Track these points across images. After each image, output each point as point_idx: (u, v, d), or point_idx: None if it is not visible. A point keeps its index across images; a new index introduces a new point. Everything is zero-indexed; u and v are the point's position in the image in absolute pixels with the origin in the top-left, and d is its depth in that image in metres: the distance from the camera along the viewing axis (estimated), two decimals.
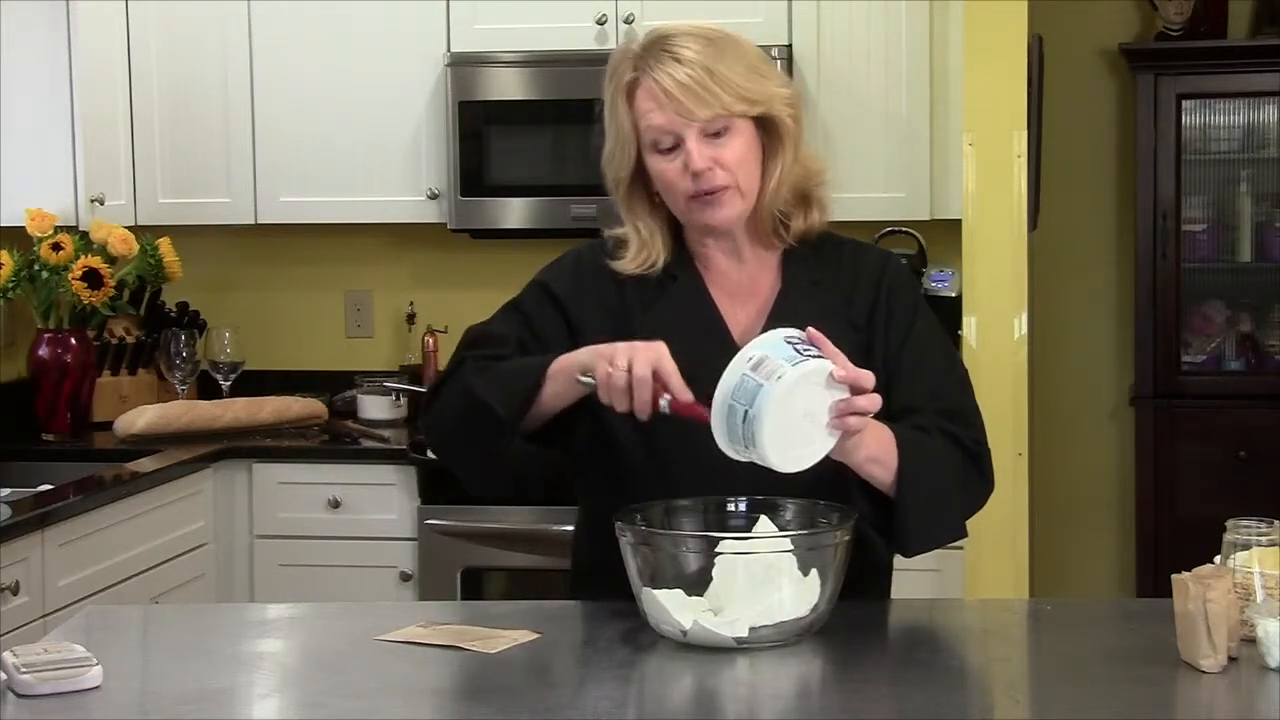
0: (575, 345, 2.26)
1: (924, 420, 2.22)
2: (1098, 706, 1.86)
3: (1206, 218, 5.00)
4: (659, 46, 2.22)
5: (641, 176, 2.28)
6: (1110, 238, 5.12)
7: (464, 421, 2.24)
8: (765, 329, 2.25)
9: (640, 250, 2.31)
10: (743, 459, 2.04)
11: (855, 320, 2.29)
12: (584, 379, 2.13)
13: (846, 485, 2.16)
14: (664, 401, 2.07)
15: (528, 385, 2.19)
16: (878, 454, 2.13)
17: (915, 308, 2.34)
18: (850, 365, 2.04)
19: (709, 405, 2.02)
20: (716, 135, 2.21)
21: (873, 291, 2.32)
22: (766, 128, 2.25)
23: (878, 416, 2.14)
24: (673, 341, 2.22)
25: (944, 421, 2.24)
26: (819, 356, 2.02)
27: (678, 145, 2.21)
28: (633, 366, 2.07)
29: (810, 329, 2.05)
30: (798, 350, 2.01)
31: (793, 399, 1.99)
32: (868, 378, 2.05)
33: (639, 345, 2.10)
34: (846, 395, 2.04)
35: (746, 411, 1.99)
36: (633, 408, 2.08)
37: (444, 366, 2.37)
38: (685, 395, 2.06)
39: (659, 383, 2.07)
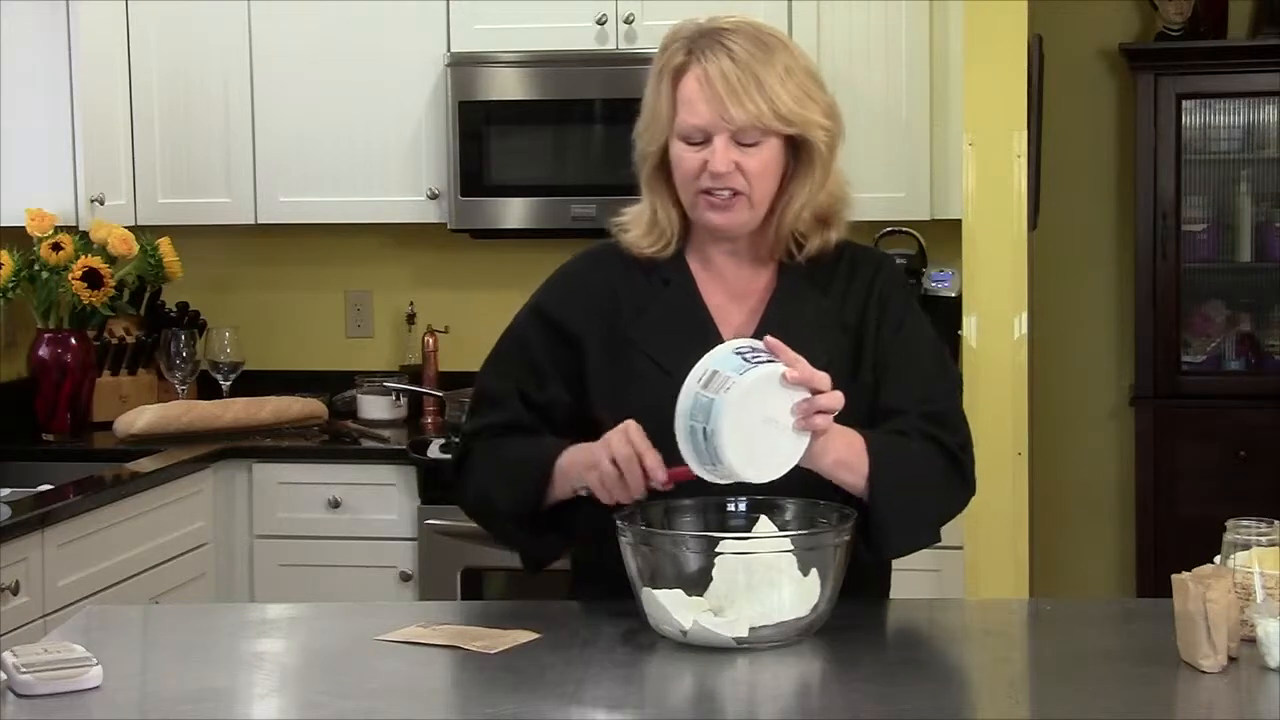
0: (578, 359, 2.28)
1: (907, 423, 2.22)
2: (1098, 706, 1.86)
3: (1206, 218, 5.00)
4: (714, 37, 2.21)
5: (666, 157, 2.28)
6: (1110, 238, 5.13)
7: (487, 524, 2.35)
8: (759, 330, 2.26)
9: (653, 229, 2.31)
10: (721, 480, 2.04)
11: (847, 321, 2.29)
12: (579, 491, 2.18)
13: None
14: (655, 483, 2.10)
15: (532, 493, 2.24)
16: (847, 458, 2.12)
17: (907, 310, 2.33)
18: (806, 367, 2.03)
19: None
20: (747, 144, 2.21)
21: (865, 293, 2.31)
22: (797, 148, 2.25)
23: (867, 420, 2.14)
24: (664, 343, 2.23)
25: (927, 424, 2.23)
26: (770, 361, 2.02)
27: (706, 140, 2.21)
28: (614, 455, 2.10)
29: (768, 337, 2.05)
30: (746, 359, 2.01)
31: (748, 407, 1.99)
32: (822, 378, 2.04)
33: (608, 437, 2.13)
34: (806, 396, 2.03)
35: (705, 429, 1.99)
36: (630, 493, 2.11)
37: (460, 435, 2.41)
38: (660, 472, 2.09)
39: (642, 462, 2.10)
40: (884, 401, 2.22)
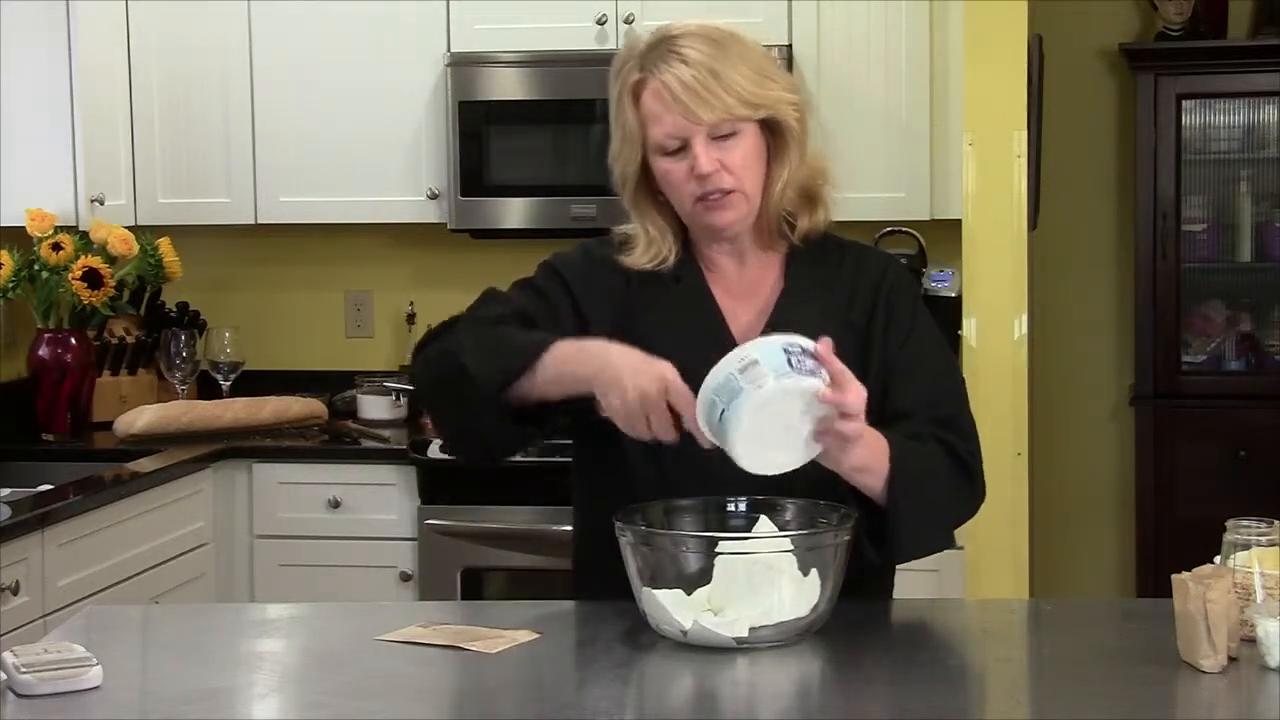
0: (581, 327, 2.26)
1: (918, 427, 2.21)
2: (1098, 706, 1.86)
3: (1206, 218, 5.00)
4: (665, 46, 2.21)
5: (648, 175, 2.27)
6: (1110, 238, 5.13)
7: (444, 382, 2.23)
8: (766, 330, 2.26)
9: (650, 246, 2.31)
10: (717, 444, 2.03)
11: (855, 322, 2.29)
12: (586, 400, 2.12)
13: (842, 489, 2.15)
14: (686, 421, 2.05)
15: (515, 366, 2.17)
16: (869, 463, 2.10)
17: (915, 313, 2.33)
18: (848, 382, 2.00)
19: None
20: (723, 138, 2.21)
21: (873, 295, 2.31)
22: (772, 130, 2.25)
23: (871, 420, 2.14)
24: (674, 340, 2.22)
25: (938, 429, 2.23)
26: (813, 373, 1.99)
27: (684, 147, 2.21)
28: (640, 390, 2.05)
29: (823, 342, 2.01)
30: (791, 363, 1.98)
31: (769, 410, 1.97)
32: (855, 402, 2.00)
33: (640, 368, 2.07)
34: (832, 413, 2.01)
35: (724, 411, 1.98)
36: (655, 433, 2.06)
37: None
38: (703, 441, 2.04)
39: (670, 404, 2.05)
40: (893, 405, 2.21)
